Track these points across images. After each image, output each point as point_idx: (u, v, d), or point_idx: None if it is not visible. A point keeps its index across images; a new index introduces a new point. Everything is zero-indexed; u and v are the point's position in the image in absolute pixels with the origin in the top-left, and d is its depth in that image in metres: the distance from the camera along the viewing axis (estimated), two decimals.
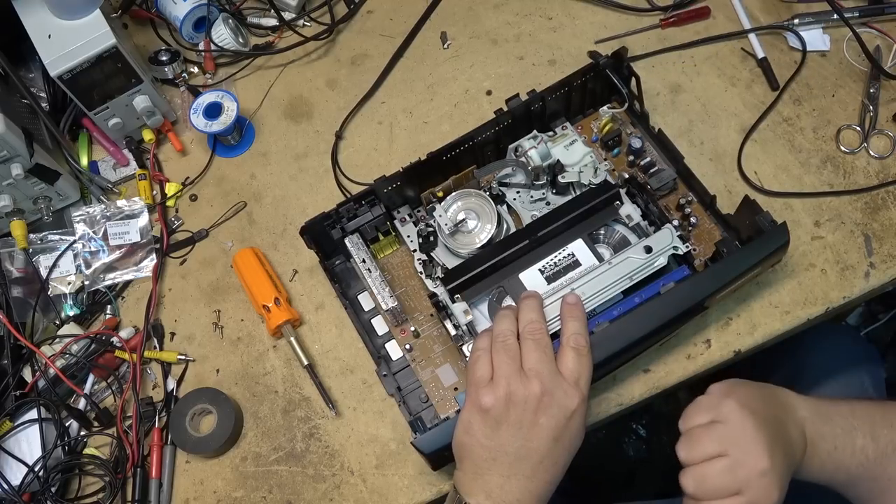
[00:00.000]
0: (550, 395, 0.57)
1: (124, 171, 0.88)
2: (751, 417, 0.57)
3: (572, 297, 0.64)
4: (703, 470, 0.57)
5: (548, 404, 0.57)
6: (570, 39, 0.90)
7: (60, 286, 0.80)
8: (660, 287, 0.66)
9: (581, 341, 0.60)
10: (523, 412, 0.57)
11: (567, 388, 0.58)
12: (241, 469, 0.74)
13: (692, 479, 0.57)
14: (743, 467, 0.55)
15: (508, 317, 0.63)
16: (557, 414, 0.58)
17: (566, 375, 0.59)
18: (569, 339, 0.61)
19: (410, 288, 0.77)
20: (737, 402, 0.58)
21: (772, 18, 0.88)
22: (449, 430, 0.61)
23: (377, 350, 0.74)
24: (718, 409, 0.58)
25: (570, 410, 0.58)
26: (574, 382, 0.59)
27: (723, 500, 0.56)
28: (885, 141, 0.80)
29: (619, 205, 0.72)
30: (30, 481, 0.71)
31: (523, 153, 0.74)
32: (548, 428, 0.57)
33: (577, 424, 0.59)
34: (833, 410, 0.62)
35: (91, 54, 0.75)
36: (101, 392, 0.77)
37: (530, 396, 0.57)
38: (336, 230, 0.75)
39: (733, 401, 0.58)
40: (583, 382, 0.59)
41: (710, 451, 0.57)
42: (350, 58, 0.93)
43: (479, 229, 0.73)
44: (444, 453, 0.63)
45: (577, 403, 0.58)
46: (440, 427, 0.62)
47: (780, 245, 0.66)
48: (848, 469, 0.61)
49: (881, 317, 1.29)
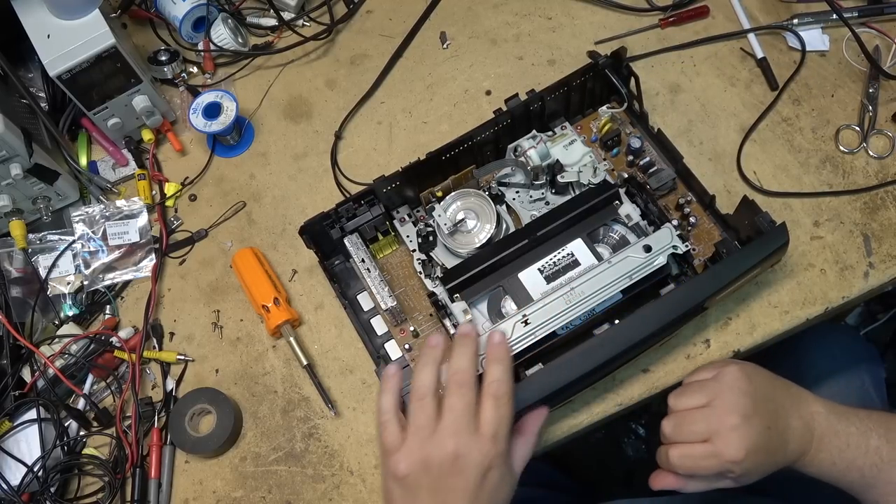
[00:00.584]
0: (465, 456, 0.55)
1: (123, 171, 0.88)
2: (744, 381, 0.61)
3: (497, 336, 0.61)
4: (684, 415, 0.61)
5: (462, 467, 0.55)
6: (570, 39, 0.90)
7: (59, 286, 0.80)
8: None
9: (502, 388, 0.57)
10: (439, 476, 0.55)
11: (482, 445, 0.55)
12: (240, 469, 0.74)
13: (672, 423, 0.61)
14: (717, 418, 0.59)
15: (429, 366, 0.59)
16: (473, 474, 0.55)
17: (483, 430, 0.56)
18: (489, 386, 0.57)
19: (409, 288, 0.77)
20: (740, 368, 0.62)
21: (771, 18, 0.88)
22: None
23: (376, 350, 0.74)
24: (721, 370, 0.62)
25: (484, 468, 0.55)
26: (491, 437, 0.55)
27: (691, 444, 0.60)
28: (884, 141, 0.80)
29: (619, 204, 0.72)
30: (29, 481, 0.71)
31: (522, 153, 0.74)
32: (463, 490, 0.55)
33: (494, 480, 0.56)
34: (850, 411, 0.64)
35: (90, 54, 0.75)
36: (101, 392, 0.77)
37: (445, 459, 0.55)
38: (335, 230, 0.75)
39: (737, 366, 0.62)
40: (501, 434, 0.56)
41: (697, 401, 0.61)
42: (349, 58, 0.93)
43: (478, 229, 0.73)
44: None
45: (492, 458, 0.55)
46: None
47: (780, 245, 0.66)
48: (861, 469, 0.61)
49: (880, 317, 1.29)
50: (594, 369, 0.62)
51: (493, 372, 0.58)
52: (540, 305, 0.66)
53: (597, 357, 0.62)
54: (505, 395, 0.57)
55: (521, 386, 0.62)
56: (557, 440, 0.72)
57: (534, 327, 0.66)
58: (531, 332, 0.66)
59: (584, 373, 0.61)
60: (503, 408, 0.57)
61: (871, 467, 0.61)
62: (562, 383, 0.61)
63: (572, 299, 0.66)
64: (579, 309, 0.66)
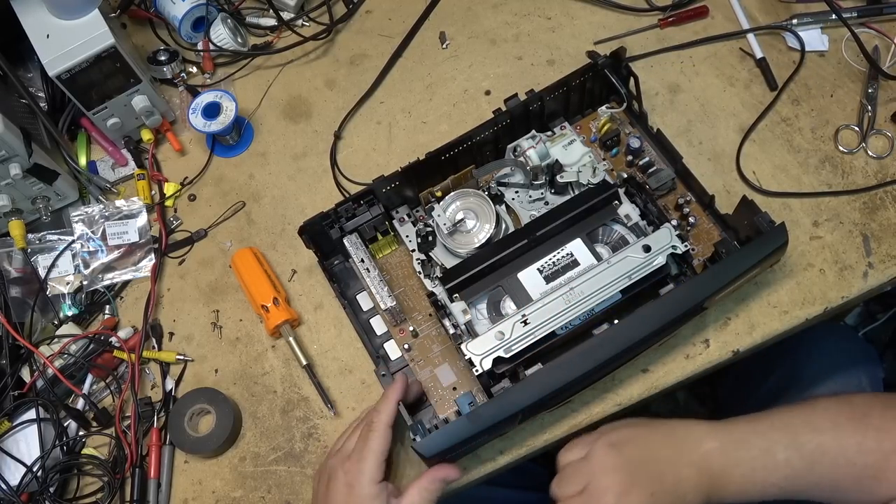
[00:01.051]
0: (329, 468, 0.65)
1: (123, 170, 0.88)
2: (612, 457, 0.60)
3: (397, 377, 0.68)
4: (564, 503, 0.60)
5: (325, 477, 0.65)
6: (569, 39, 0.90)
7: (59, 286, 0.80)
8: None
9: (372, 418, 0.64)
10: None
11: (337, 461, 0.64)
12: (239, 469, 0.74)
13: None
14: (593, 501, 0.59)
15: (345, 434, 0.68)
16: (322, 480, 0.65)
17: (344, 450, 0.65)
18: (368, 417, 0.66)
19: (409, 288, 0.77)
20: (606, 440, 0.61)
21: (770, 18, 0.88)
22: (448, 433, 0.61)
23: (376, 350, 0.74)
24: (591, 447, 0.62)
25: (327, 477, 0.64)
26: (346, 455, 0.64)
27: None
28: (883, 141, 0.80)
29: (618, 204, 0.72)
30: (28, 481, 0.71)
31: (522, 153, 0.74)
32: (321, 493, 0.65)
33: (336, 486, 0.63)
34: (749, 431, 0.62)
35: (89, 54, 0.75)
36: (100, 392, 0.77)
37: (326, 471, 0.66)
38: (335, 230, 0.75)
39: (603, 439, 0.62)
40: (356, 455, 0.63)
41: (574, 488, 0.60)
42: (349, 58, 0.93)
43: (477, 229, 0.73)
44: (446, 456, 0.63)
45: (333, 470, 0.64)
46: (441, 430, 0.62)
47: (779, 245, 0.66)
48: (776, 484, 0.60)
49: (879, 317, 1.29)
50: (593, 369, 0.62)
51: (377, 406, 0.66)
52: (539, 305, 0.66)
53: (596, 357, 0.62)
54: (367, 424, 0.64)
55: (520, 386, 0.62)
56: (557, 440, 0.72)
57: (533, 327, 0.66)
58: (530, 331, 0.66)
59: (583, 373, 0.61)
60: (365, 433, 0.64)
61: (785, 479, 0.60)
62: (561, 383, 0.61)
63: (571, 299, 0.66)
64: (578, 309, 0.66)
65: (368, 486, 0.62)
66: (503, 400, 0.61)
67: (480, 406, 0.62)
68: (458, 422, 0.61)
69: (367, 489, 0.61)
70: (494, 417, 0.61)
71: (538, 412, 0.68)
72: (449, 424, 0.62)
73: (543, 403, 0.62)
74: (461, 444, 0.62)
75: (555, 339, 0.66)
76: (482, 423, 0.61)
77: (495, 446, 0.71)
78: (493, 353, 0.65)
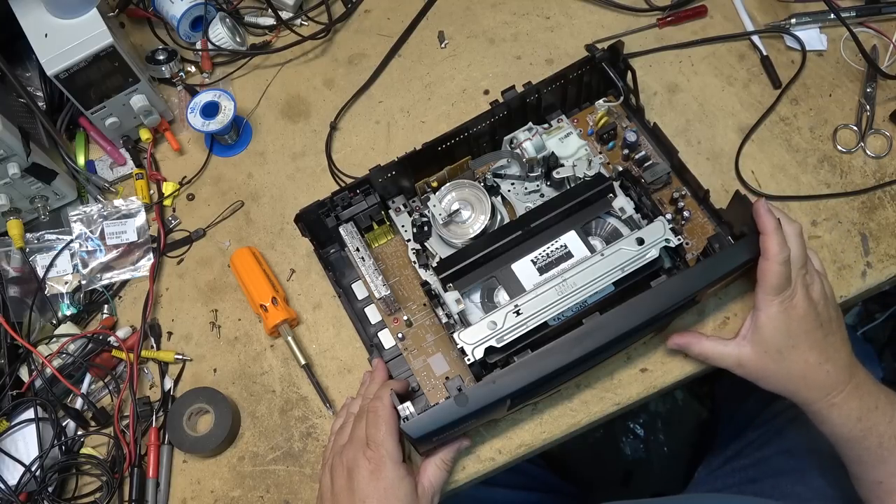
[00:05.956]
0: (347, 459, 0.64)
1: (121, 170, 0.88)
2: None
3: (376, 363, 0.71)
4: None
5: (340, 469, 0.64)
6: (568, 39, 0.90)
7: (57, 286, 0.80)
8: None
9: (373, 404, 0.64)
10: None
11: (351, 449, 0.64)
12: (238, 469, 0.74)
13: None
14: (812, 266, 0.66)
15: (344, 428, 0.67)
16: (340, 474, 0.64)
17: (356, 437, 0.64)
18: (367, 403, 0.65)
19: (404, 277, 0.77)
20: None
21: (769, 18, 0.88)
22: (435, 416, 0.61)
23: (370, 339, 0.74)
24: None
25: (348, 468, 0.63)
26: (360, 442, 0.63)
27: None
28: (881, 140, 0.80)
29: (613, 197, 0.72)
30: (27, 481, 0.71)
31: (518, 145, 0.74)
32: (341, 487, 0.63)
33: (362, 475, 0.62)
34: (880, 384, 0.66)
35: (88, 53, 0.75)
36: (98, 392, 0.77)
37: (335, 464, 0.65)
38: (331, 218, 0.75)
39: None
40: (374, 440, 0.62)
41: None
42: (347, 57, 0.93)
43: (472, 220, 0.73)
44: (432, 439, 0.63)
45: (354, 459, 0.63)
46: (429, 412, 0.61)
47: None
48: (881, 437, 0.63)
49: (878, 316, 1.29)
50: (582, 357, 0.61)
51: (369, 392, 0.67)
52: (532, 296, 0.66)
53: (585, 345, 0.61)
54: (372, 410, 0.63)
55: (508, 370, 0.61)
56: (556, 439, 0.72)
57: (526, 317, 0.66)
58: (523, 322, 0.65)
59: (573, 360, 0.61)
60: (373, 418, 0.63)
61: (891, 438, 0.62)
62: (549, 369, 0.61)
63: (565, 290, 0.66)
64: (571, 300, 0.66)
65: (394, 468, 0.61)
66: (490, 383, 0.61)
67: (468, 389, 0.61)
68: (445, 404, 0.61)
69: (394, 472, 0.61)
70: (481, 401, 0.61)
71: (527, 398, 0.68)
72: (436, 407, 0.61)
73: (532, 389, 0.62)
74: (448, 427, 0.61)
75: (547, 330, 0.66)
76: (469, 406, 0.60)
77: (494, 445, 0.71)
78: (485, 342, 0.65)
